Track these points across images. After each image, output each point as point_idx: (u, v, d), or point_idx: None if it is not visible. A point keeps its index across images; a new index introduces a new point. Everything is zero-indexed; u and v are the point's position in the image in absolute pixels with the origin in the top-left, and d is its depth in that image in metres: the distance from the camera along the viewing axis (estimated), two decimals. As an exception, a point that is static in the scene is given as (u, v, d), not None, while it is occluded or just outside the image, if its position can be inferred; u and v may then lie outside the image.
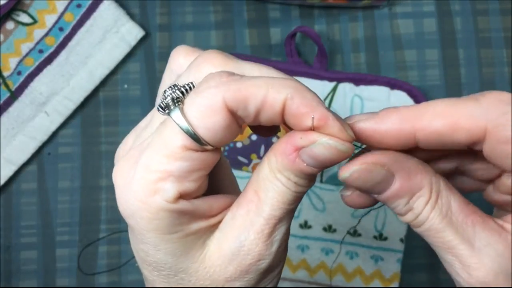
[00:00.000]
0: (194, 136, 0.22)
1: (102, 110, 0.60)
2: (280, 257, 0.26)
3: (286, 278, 0.57)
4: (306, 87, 0.23)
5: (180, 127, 0.22)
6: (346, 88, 0.58)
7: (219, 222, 0.25)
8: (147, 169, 0.22)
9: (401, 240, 0.57)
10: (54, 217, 0.59)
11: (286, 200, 0.24)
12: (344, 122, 0.24)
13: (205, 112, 0.22)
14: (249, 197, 0.25)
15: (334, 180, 0.57)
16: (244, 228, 0.24)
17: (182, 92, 0.23)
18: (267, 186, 0.24)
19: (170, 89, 0.23)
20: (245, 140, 0.58)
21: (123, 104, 0.60)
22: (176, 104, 0.22)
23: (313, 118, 0.22)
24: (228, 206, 0.25)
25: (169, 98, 0.22)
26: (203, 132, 0.22)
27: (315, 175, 0.25)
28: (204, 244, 0.25)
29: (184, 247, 0.24)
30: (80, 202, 0.59)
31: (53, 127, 0.58)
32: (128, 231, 0.26)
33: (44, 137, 0.58)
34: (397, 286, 0.57)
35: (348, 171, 0.24)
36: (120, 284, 0.59)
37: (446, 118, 0.22)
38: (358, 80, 0.58)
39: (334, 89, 0.58)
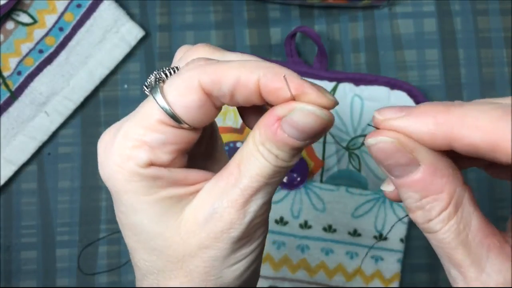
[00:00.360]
0: (169, 112, 0.24)
1: (102, 110, 0.60)
2: (254, 232, 0.27)
3: (286, 278, 0.57)
4: (279, 65, 0.24)
5: (158, 103, 0.24)
6: (346, 88, 0.58)
7: (197, 191, 0.26)
8: (125, 137, 0.25)
9: (401, 240, 0.57)
10: (54, 217, 0.59)
11: (265, 173, 0.25)
12: (323, 88, 0.24)
13: (182, 91, 0.24)
14: (230, 170, 0.25)
15: (334, 180, 0.57)
16: (219, 196, 0.25)
17: (166, 74, 0.25)
18: (249, 160, 0.25)
19: (156, 71, 0.25)
20: (245, 139, 0.58)
21: (123, 104, 0.60)
22: (158, 83, 0.24)
23: (288, 86, 0.23)
24: (204, 180, 0.26)
25: (152, 78, 0.25)
26: (179, 109, 0.24)
27: (299, 150, 0.25)
28: (181, 211, 0.26)
29: (160, 210, 0.25)
30: (80, 202, 0.59)
31: (53, 127, 0.58)
32: (113, 203, 0.27)
33: (44, 137, 0.58)
34: (397, 286, 0.57)
35: (375, 139, 0.22)
36: (120, 284, 0.59)
37: (486, 135, 0.20)
38: (358, 80, 0.58)
39: (334, 89, 0.58)
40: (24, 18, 0.58)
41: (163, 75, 0.25)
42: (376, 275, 0.57)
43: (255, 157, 0.25)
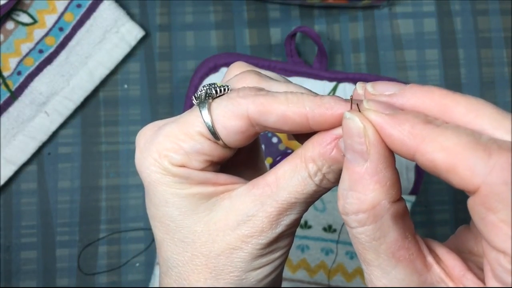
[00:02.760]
0: (210, 129, 0.26)
1: (102, 110, 0.60)
2: (282, 241, 0.27)
3: (286, 278, 0.57)
4: (325, 96, 0.25)
5: (202, 117, 0.26)
6: (346, 88, 0.58)
7: (226, 191, 0.27)
8: (166, 137, 0.26)
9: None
10: (54, 217, 0.59)
11: (305, 191, 0.26)
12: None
13: (228, 114, 0.25)
14: (269, 180, 0.26)
15: (334, 180, 0.57)
16: (254, 205, 0.26)
17: (216, 91, 0.26)
18: (292, 174, 0.26)
19: (208, 85, 0.27)
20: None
21: (123, 104, 0.60)
22: (207, 99, 0.26)
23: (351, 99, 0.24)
24: (234, 182, 0.28)
25: (203, 92, 0.26)
26: (220, 129, 0.26)
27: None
28: (212, 208, 0.27)
29: (190, 204, 0.27)
30: (80, 202, 0.59)
31: (53, 127, 0.58)
32: (145, 195, 0.29)
33: (44, 137, 0.58)
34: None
35: (351, 115, 0.23)
36: (120, 284, 0.59)
37: (448, 157, 0.20)
38: (358, 80, 0.58)
39: (334, 89, 0.58)
40: (24, 18, 0.58)
41: (214, 91, 0.26)
42: (376, 275, 0.57)
43: (300, 174, 0.25)
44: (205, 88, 0.26)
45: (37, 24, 0.58)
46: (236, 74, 0.28)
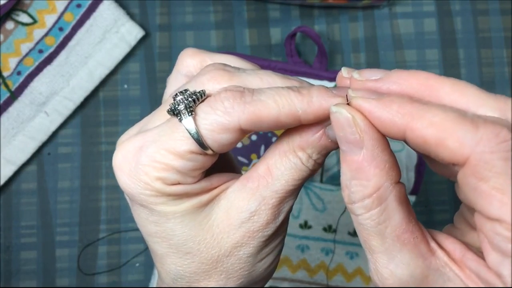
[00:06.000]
0: (201, 144, 0.24)
1: (102, 110, 0.60)
2: (283, 227, 0.28)
3: (286, 278, 0.57)
4: (311, 89, 0.25)
5: (191, 135, 0.24)
6: (346, 88, 0.58)
7: (221, 192, 0.27)
8: (153, 160, 0.25)
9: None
10: (54, 217, 0.59)
11: (301, 177, 0.26)
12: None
13: (218, 128, 0.24)
14: (261, 172, 0.26)
15: (334, 180, 0.57)
16: (251, 198, 0.26)
17: (194, 100, 0.25)
18: (283, 163, 0.26)
19: (181, 93, 0.25)
20: (245, 140, 0.58)
21: (123, 104, 0.60)
22: (189, 113, 0.24)
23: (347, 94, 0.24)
24: (226, 181, 0.27)
25: (182, 105, 0.24)
26: (211, 143, 0.25)
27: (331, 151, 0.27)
28: (211, 212, 0.27)
29: (191, 215, 0.26)
30: (80, 202, 0.59)
31: (53, 127, 0.58)
32: (132, 210, 0.28)
33: (44, 137, 0.58)
34: (397, 286, 0.57)
35: (338, 108, 0.23)
36: (120, 284, 0.59)
37: (437, 131, 0.21)
38: (358, 80, 0.58)
39: (334, 89, 0.58)
40: (24, 18, 0.58)
41: (193, 102, 0.25)
42: (376, 275, 0.57)
43: (292, 161, 0.26)
44: (181, 99, 0.25)
45: (37, 24, 0.58)
46: (200, 71, 0.27)
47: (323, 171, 0.58)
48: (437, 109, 0.22)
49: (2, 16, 0.57)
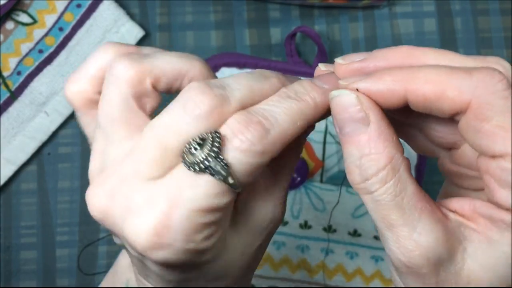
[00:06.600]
0: (235, 186, 0.23)
1: (102, 110, 0.60)
2: None
3: (286, 278, 0.57)
4: (306, 90, 0.25)
5: (230, 185, 0.23)
6: (346, 88, 0.58)
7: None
8: (191, 222, 0.23)
9: (401, 240, 0.57)
10: (54, 217, 0.59)
11: (294, 168, 0.28)
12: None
13: (249, 170, 0.23)
14: (266, 175, 0.27)
15: (334, 180, 0.57)
16: (267, 200, 0.27)
17: (218, 150, 0.22)
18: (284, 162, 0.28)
19: (199, 145, 0.23)
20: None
21: (123, 104, 0.60)
22: (224, 167, 0.22)
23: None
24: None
25: (213, 162, 0.22)
26: (246, 181, 0.24)
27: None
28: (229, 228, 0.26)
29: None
30: (80, 202, 0.59)
31: (53, 127, 0.58)
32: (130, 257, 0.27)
33: (44, 137, 0.58)
34: (397, 286, 0.57)
35: (339, 91, 0.24)
36: (120, 284, 0.59)
37: (435, 86, 0.22)
38: (358, 80, 0.58)
39: (334, 89, 0.58)
40: (24, 18, 0.58)
41: (217, 152, 0.22)
42: (376, 275, 0.57)
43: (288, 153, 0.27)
44: (207, 155, 0.22)
45: (37, 24, 0.58)
46: (180, 100, 0.23)
47: (323, 171, 0.58)
48: (429, 68, 0.23)
49: (2, 16, 0.57)
